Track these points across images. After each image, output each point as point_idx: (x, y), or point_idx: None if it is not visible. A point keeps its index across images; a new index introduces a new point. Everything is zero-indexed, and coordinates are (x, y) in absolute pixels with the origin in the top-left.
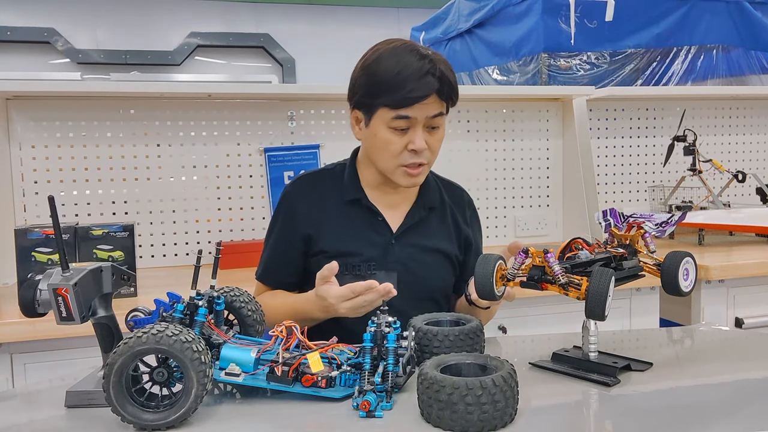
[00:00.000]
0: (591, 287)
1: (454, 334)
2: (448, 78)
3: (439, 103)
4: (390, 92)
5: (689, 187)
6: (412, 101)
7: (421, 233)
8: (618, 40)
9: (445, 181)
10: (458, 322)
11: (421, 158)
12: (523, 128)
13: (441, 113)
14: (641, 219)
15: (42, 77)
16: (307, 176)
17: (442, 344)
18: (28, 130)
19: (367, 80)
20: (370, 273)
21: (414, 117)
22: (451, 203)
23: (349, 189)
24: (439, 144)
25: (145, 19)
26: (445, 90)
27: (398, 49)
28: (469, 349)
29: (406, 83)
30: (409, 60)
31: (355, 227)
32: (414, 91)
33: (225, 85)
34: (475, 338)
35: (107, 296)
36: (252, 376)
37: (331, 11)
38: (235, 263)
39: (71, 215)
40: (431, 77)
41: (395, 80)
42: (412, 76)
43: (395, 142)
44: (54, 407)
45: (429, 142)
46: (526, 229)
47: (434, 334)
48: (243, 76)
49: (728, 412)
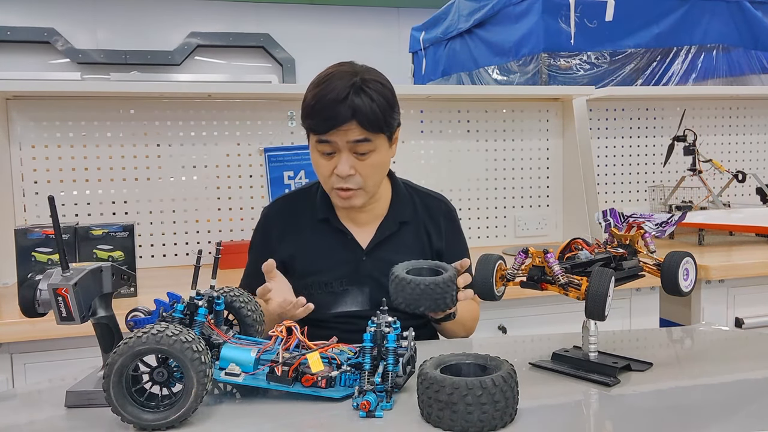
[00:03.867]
0: (591, 287)
1: (425, 284)
2: (368, 107)
3: (360, 130)
4: (310, 117)
5: (689, 187)
6: (326, 128)
7: (393, 248)
8: (618, 40)
9: (424, 193)
10: (437, 271)
11: (348, 183)
12: (523, 128)
13: (366, 139)
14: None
15: (42, 77)
16: (283, 199)
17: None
18: (28, 130)
19: (303, 104)
20: (342, 289)
21: (334, 141)
22: (425, 216)
23: (320, 208)
24: (372, 170)
25: (145, 19)
26: (361, 119)
27: (332, 75)
28: (440, 300)
29: (323, 110)
30: (333, 86)
31: (328, 245)
32: (328, 119)
33: (225, 85)
34: (446, 288)
35: (107, 296)
36: (252, 376)
37: (331, 11)
38: (235, 263)
39: (71, 215)
40: (346, 106)
41: (315, 106)
42: (329, 103)
43: (323, 165)
44: (54, 407)
45: (358, 168)
46: (526, 229)
47: (407, 282)
48: (243, 76)
49: (728, 412)
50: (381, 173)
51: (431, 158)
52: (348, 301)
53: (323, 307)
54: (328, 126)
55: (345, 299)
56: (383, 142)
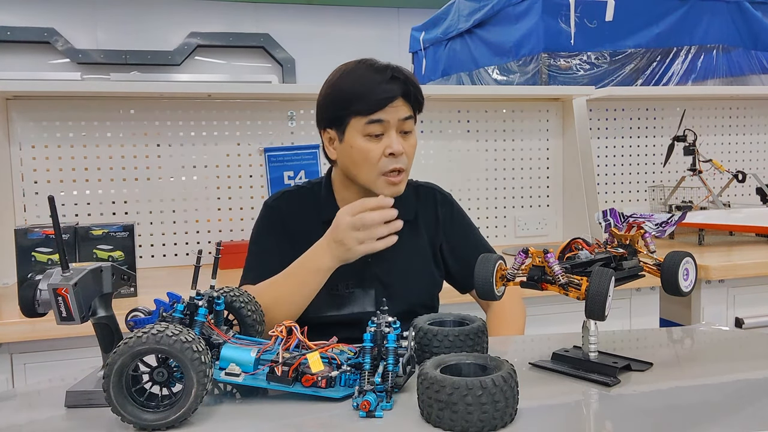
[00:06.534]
0: (591, 287)
1: (454, 335)
2: (412, 80)
3: (407, 107)
4: (360, 99)
5: (689, 187)
6: (383, 103)
7: (398, 249)
8: (618, 40)
9: (416, 185)
10: (462, 322)
11: (400, 163)
12: (523, 128)
13: (411, 116)
14: (641, 219)
15: (42, 77)
16: (289, 193)
17: (441, 344)
18: (28, 130)
19: (335, 95)
20: (348, 292)
21: (387, 120)
22: (422, 213)
23: (325, 209)
24: (413, 150)
25: (145, 19)
26: (411, 91)
27: (358, 65)
28: (470, 350)
29: (374, 88)
30: (371, 70)
31: None
32: (382, 93)
33: (225, 85)
34: (476, 339)
35: (107, 296)
36: (252, 376)
37: (331, 11)
38: (235, 263)
39: (71, 215)
40: (396, 80)
41: (363, 88)
42: (379, 80)
43: (372, 149)
44: (54, 407)
45: (404, 148)
46: (526, 229)
47: (434, 334)
48: (243, 76)
49: (728, 412)
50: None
51: (431, 158)
52: (353, 304)
53: (328, 309)
54: (382, 103)
55: (350, 302)
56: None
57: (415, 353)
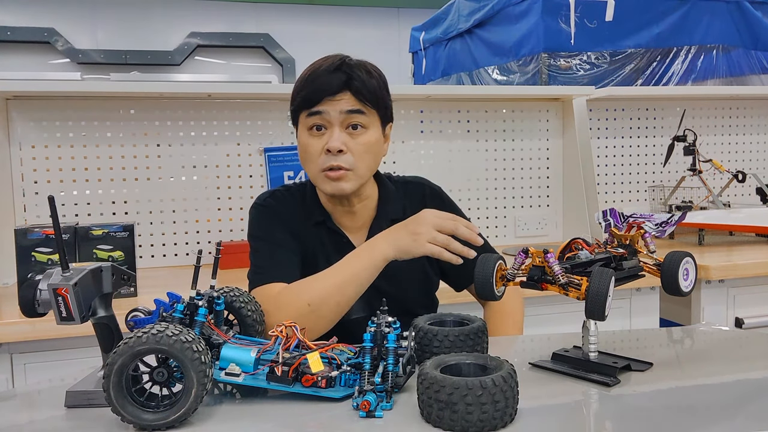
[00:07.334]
0: (591, 287)
1: (454, 335)
2: (359, 75)
3: (353, 100)
4: (302, 91)
5: (689, 187)
6: (320, 95)
7: None
8: (618, 40)
9: (402, 182)
10: (462, 322)
11: (339, 161)
12: (523, 128)
13: (360, 111)
14: (641, 219)
15: (42, 77)
16: (280, 193)
17: (442, 344)
18: (28, 130)
19: (293, 91)
20: None
21: (326, 111)
22: (411, 209)
23: (313, 211)
24: (364, 149)
25: (145, 19)
26: (355, 85)
27: (320, 60)
28: (470, 350)
29: (315, 80)
30: (322, 63)
31: (324, 249)
32: (321, 84)
33: (225, 85)
34: (476, 339)
35: (107, 296)
36: (252, 376)
37: (331, 11)
38: (235, 263)
39: (71, 215)
40: (340, 73)
41: (307, 80)
42: (321, 73)
43: (312, 144)
44: (54, 407)
45: (350, 145)
46: (526, 229)
47: (434, 334)
48: (243, 76)
49: (728, 412)
50: (373, 158)
51: (431, 158)
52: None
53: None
54: (320, 95)
55: None
56: (376, 123)
57: (415, 353)
